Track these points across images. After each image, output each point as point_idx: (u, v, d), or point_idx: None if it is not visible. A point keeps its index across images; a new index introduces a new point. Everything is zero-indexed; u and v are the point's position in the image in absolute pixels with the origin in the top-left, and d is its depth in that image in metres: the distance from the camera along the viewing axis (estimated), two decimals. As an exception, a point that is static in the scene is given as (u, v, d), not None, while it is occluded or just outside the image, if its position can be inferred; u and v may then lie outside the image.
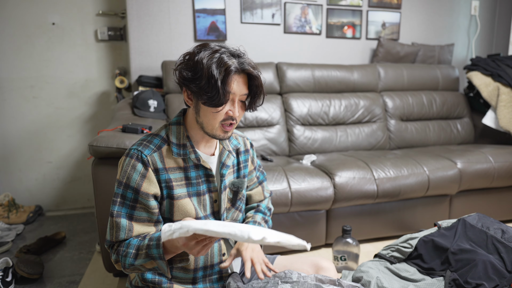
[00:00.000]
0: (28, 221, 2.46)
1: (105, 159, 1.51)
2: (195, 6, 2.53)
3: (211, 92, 0.93)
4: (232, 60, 0.95)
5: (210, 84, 0.92)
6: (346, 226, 1.78)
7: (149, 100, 2.14)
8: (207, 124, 0.99)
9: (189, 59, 0.97)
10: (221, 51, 0.95)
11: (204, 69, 0.92)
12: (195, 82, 0.94)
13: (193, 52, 0.97)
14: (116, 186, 0.98)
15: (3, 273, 1.64)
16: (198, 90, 0.94)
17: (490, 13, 3.30)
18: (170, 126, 1.05)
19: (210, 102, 0.94)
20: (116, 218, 0.96)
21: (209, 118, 0.97)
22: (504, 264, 1.30)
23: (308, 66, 2.64)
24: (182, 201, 1.00)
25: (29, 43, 2.54)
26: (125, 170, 0.97)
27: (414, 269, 1.44)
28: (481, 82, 2.76)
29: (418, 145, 2.74)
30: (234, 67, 0.94)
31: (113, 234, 0.96)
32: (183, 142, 1.02)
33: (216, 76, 0.92)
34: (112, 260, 0.99)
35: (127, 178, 0.96)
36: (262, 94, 1.03)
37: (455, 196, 2.25)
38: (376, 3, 2.93)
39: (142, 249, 0.90)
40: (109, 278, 1.76)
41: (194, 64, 0.94)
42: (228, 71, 0.93)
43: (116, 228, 0.96)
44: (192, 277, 1.04)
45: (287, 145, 2.47)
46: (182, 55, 0.99)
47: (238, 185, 1.11)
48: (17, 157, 2.64)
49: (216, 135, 1.00)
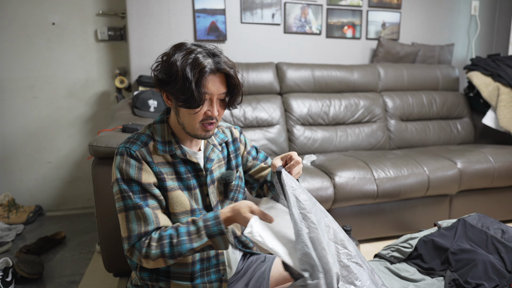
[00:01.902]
0: (28, 221, 2.46)
1: (105, 159, 1.51)
2: (195, 6, 2.53)
3: (186, 94, 0.93)
4: (208, 60, 0.94)
5: (185, 87, 0.92)
6: (346, 226, 1.78)
7: (149, 100, 2.14)
8: (187, 125, 1.00)
9: (164, 60, 0.97)
10: (197, 51, 0.95)
11: (179, 72, 0.92)
12: (170, 85, 0.94)
13: (168, 53, 0.96)
14: (117, 185, 0.97)
15: (3, 273, 1.64)
16: (173, 92, 0.94)
17: (490, 13, 3.30)
18: (154, 125, 1.06)
19: (186, 104, 0.94)
20: (138, 210, 0.95)
21: (188, 119, 0.98)
22: (504, 264, 1.30)
23: (308, 66, 2.64)
24: (175, 193, 1.01)
25: (29, 43, 2.54)
26: (121, 168, 0.97)
27: (414, 269, 1.44)
28: (481, 82, 2.76)
29: (418, 145, 2.74)
30: (209, 68, 0.94)
31: (140, 226, 0.95)
32: (168, 139, 1.03)
33: (190, 78, 0.92)
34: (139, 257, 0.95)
35: (126, 174, 0.96)
36: (240, 92, 1.03)
37: (455, 196, 2.25)
38: (376, 3, 2.93)
39: (199, 232, 0.92)
40: (109, 278, 1.76)
41: (168, 66, 0.94)
42: (203, 72, 0.93)
43: (144, 219, 0.95)
44: (190, 272, 1.04)
45: (287, 145, 2.47)
46: (160, 55, 0.99)
47: (225, 177, 1.11)
48: (17, 157, 2.64)
49: (198, 134, 1.01)
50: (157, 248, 0.93)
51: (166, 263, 0.94)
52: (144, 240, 0.94)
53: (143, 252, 0.93)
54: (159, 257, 0.93)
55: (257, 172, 1.24)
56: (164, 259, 0.93)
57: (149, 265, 0.95)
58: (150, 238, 0.94)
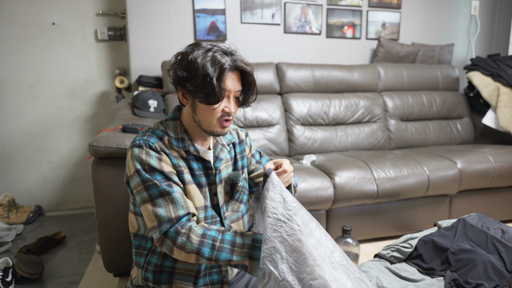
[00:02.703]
0: (28, 221, 2.46)
1: (105, 159, 1.51)
2: (195, 6, 2.53)
3: (207, 89, 0.94)
4: (225, 58, 0.97)
5: (206, 82, 0.94)
6: (346, 226, 1.78)
7: (149, 100, 2.14)
8: (204, 122, 1.01)
9: (182, 58, 0.98)
10: (214, 50, 0.97)
11: (199, 68, 0.94)
12: (190, 81, 0.96)
13: (186, 52, 0.98)
14: (138, 176, 0.96)
15: (3, 273, 1.64)
16: (194, 88, 0.96)
17: (490, 13, 3.30)
18: (167, 121, 1.07)
19: (207, 100, 0.96)
20: (166, 196, 0.95)
21: (206, 115, 1.00)
22: (504, 264, 1.30)
23: (308, 66, 2.63)
24: (191, 187, 1.02)
25: (29, 43, 2.54)
26: (141, 158, 0.96)
27: (414, 269, 1.44)
28: (481, 82, 2.76)
29: (418, 145, 2.74)
30: (228, 64, 0.96)
31: (170, 212, 0.94)
32: (181, 136, 1.04)
33: (211, 74, 0.94)
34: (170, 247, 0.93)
35: (147, 164, 0.96)
36: (255, 89, 1.05)
37: (455, 196, 2.25)
38: (376, 3, 2.93)
39: (243, 248, 0.92)
40: (109, 278, 1.76)
41: (188, 63, 0.96)
42: (223, 69, 0.95)
43: (172, 204, 0.95)
44: (196, 270, 1.05)
45: (287, 145, 2.47)
46: (174, 56, 1.01)
47: (233, 177, 1.11)
48: (17, 157, 2.64)
49: (214, 131, 1.02)
50: (197, 243, 0.92)
51: (197, 261, 0.93)
52: (180, 229, 0.93)
53: (179, 242, 0.93)
54: (194, 253, 0.92)
55: (258, 176, 1.25)
56: (198, 257, 0.92)
57: (179, 256, 0.94)
58: (191, 229, 0.94)
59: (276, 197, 0.91)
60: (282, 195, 0.92)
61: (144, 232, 1.06)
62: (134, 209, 1.06)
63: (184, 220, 0.95)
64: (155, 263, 1.04)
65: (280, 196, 0.91)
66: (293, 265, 0.84)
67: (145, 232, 1.06)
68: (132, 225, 1.09)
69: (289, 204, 0.90)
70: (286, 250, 0.85)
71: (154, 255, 1.04)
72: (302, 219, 0.89)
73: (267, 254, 0.84)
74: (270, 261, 0.84)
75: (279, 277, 0.82)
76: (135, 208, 1.06)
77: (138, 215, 1.05)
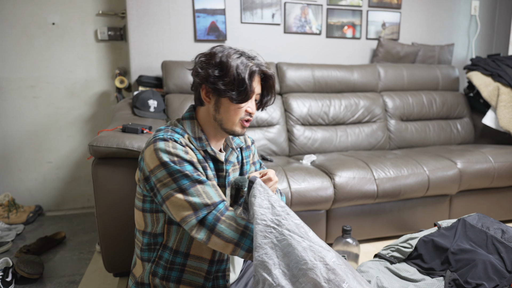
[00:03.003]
0: (28, 221, 2.46)
1: (105, 159, 1.51)
2: (195, 6, 2.53)
3: (239, 88, 0.99)
4: (252, 61, 1.02)
5: (239, 81, 0.98)
6: (346, 226, 1.78)
7: (149, 100, 2.14)
8: (227, 121, 1.04)
9: (210, 58, 1.01)
10: (239, 52, 1.02)
11: (232, 67, 0.98)
12: (222, 79, 0.99)
13: (214, 53, 1.02)
14: (164, 169, 0.94)
15: (3, 273, 1.64)
16: (225, 87, 0.99)
17: (490, 13, 3.30)
18: (183, 120, 1.08)
19: (237, 98, 1.00)
20: (198, 186, 0.94)
21: (230, 114, 1.03)
22: (504, 264, 1.29)
23: (308, 66, 2.63)
24: (213, 183, 1.01)
25: (29, 43, 2.54)
26: (168, 151, 0.95)
27: (414, 269, 1.44)
28: (481, 82, 2.76)
29: (418, 145, 2.74)
30: (255, 67, 1.01)
31: (204, 199, 0.93)
32: (198, 135, 1.06)
33: (243, 73, 0.98)
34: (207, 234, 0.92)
35: (176, 155, 0.95)
36: (274, 92, 1.10)
37: (455, 196, 2.25)
38: (376, 3, 2.93)
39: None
40: (109, 278, 1.76)
41: (219, 63, 1.00)
42: (253, 70, 1.00)
43: (205, 192, 0.94)
44: (206, 270, 1.05)
45: (287, 145, 2.47)
46: (198, 56, 1.04)
47: (239, 182, 1.12)
48: (17, 157, 2.64)
49: (235, 130, 1.05)
50: (238, 232, 0.92)
51: (233, 252, 0.92)
52: (220, 216, 0.93)
53: (217, 229, 0.91)
54: (232, 243, 0.92)
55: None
56: (236, 248, 0.92)
57: (215, 245, 0.93)
58: (232, 218, 0.93)
59: (264, 203, 0.91)
60: (269, 200, 0.91)
61: (152, 230, 1.05)
62: (142, 206, 1.05)
63: (222, 208, 0.94)
64: (166, 259, 1.04)
65: (267, 202, 0.91)
66: (285, 270, 0.84)
67: (152, 229, 1.05)
68: (138, 222, 1.08)
69: (277, 209, 0.90)
70: (278, 255, 0.85)
71: (166, 250, 1.04)
72: (293, 222, 0.89)
73: (259, 262, 0.84)
74: (262, 268, 0.84)
75: (273, 283, 0.82)
76: (143, 205, 1.04)
77: (146, 212, 1.04)
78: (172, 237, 1.03)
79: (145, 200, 1.04)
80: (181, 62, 2.40)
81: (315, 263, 0.83)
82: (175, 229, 1.03)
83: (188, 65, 2.38)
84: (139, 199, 1.06)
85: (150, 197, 1.02)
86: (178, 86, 2.36)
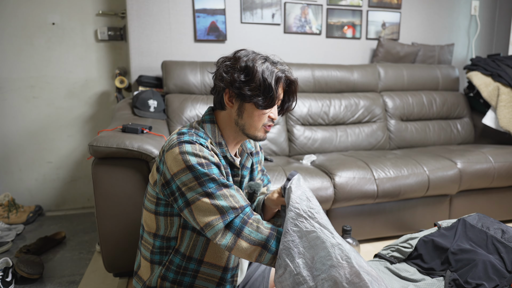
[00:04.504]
0: (28, 221, 2.46)
1: (105, 159, 1.51)
2: (195, 6, 2.53)
3: (266, 93, 0.98)
4: (277, 67, 1.01)
5: (265, 87, 0.97)
6: (346, 226, 1.78)
7: (149, 100, 2.14)
8: (249, 126, 1.03)
9: (235, 62, 1.00)
10: (264, 57, 1.01)
11: (258, 72, 0.97)
12: (248, 84, 0.98)
13: (238, 57, 1.01)
14: (190, 172, 0.91)
15: (3, 273, 1.64)
16: (251, 92, 0.98)
17: (490, 13, 3.30)
18: (204, 124, 1.06)
19: (263, 104, 0.99)
20: (225, 189, 0.92)
21: (254, 119, 1.02)
22: (504, 264, 1.29)
23: (308, 66, 2.63)
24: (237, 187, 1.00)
25: (29, 43, 2.54)
26: (196, 154, 0.92)
27: (414, 269, 1.44)
28: (481, 82, 2.76)
29: (418, 145, 2.74)
30: (281, 73, 1.00)
31: (231, 202, 0.91)
32: (218, 140, 1.04)
33: (269, 79, 0.97)
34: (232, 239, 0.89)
35: (204, 158, 0.93)
36: (296, 98, 1.10)
37: (455, 196, 2.25)
38: (376, 3, 2.93)
39: None
40: (109, 278, 1.76)
41: (244, 67, 0.99)
42: (279, 76, 1.00)
43: (232, 196, 0.92)
44: (219, 276, 1.04)
45: (287, 145, 2.47)
46: (220, 60, 1.03)
47: (254, 187, 1.12)
48: (17, 157, 2.64)
49: (257, 136, 1.05)
50: (266, 234, 0.90)
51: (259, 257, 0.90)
52: (247, 219, 0.91)
53: (245, 233, 0.89)
54: (260, 246, 0.89)
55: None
56: (263, 251, 0.90)
57: (240, 252, 0.90)
58: (259, 221, 0.92)
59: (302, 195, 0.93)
60: (307, 195, 0.94)
61: (165, 233, 1.02)
62: (156, 209, 1.02)
63: (249, 211, 0.93)
64: (178, 264, 1.02)
65: (305, 195, 0.94)
66: (309, 261, 0.85)
67: (166, 232, 1.02)
68: (148, 225, 1.05)
69: (312, 203, 0.92)
70: (304, 245, 0.86)
71: (177, 255, 1.02)
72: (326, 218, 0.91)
73: (284, 247, 0.86)
74: (287, 254, 0.85)
75: (294, 271, 0.84)
76: (157, 207, 1.01)
77: (160, 215, 1.01)
78: (184, 242, 1.01)
79: (159, 203, 1.01)
80: (181, 62, 2.40)
81: (341, 262, 0.83)
82: (189, 234, 1.01)
83: (189, 65, 2.38)
84: (152, 202, 1.02)
85: (165, 201, 0.99)
86: (178, 86, 2.36)
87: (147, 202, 1.05)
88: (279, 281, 0.86)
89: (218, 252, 1.01)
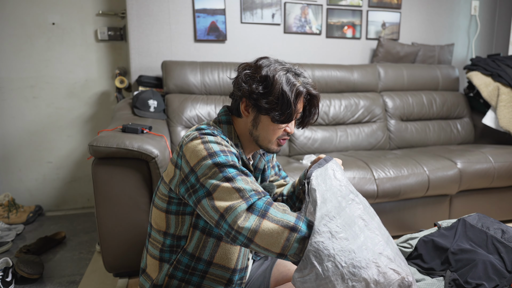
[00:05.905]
0: (28, 221, 2.46)
1: (105, 159, 1.51)
2: (195, 6, 2.53)
3: (284, 109, 0.95)
4: (299, 80, 0.98)
5: (283, 102, 0.94)
6: (346, 226, 1.78)
7: (149, 100, 2.14)
8: (263, 138, 1.01)
9: (255, 72, 0.97)
10: (286, 68, 0.98)
11: (277, 86, 0.94)
12: (266, 97, 0.95)
13: (259, 66, 0.98)
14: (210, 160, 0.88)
15: (3, 273, 1.64)
16: (268, 105, 0.95)
17: (490, 13, 3.30)
18: (221, 124, 1.05)
19: (280, 119, 0.96)
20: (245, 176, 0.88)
21: (268, 132, 1.00)
22: (504, 264, 1.29)
23: (308, 66, 2.63)
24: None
25: (29, 43, 2.54)
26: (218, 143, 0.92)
27: (414, 269, 1.44)
28: (481, 82, 2.76)
29: (418, 145, 2.74)
30: (302, 87, 0.97)
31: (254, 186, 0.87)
32: (234, 142, 1.03)
33: (289, 94, 0.94)
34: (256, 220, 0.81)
35: (225, 146, 0.92)
36: (318, 112, 1.06)
37: (455, 196, 2.25)
38: (376, 3, 2.93)
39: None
40: (109, 278, 1.76)
41: (263, 78, 0.96)
42: (299, 92, 0.96)
43: (252, 182, 0.88)
44: (228, 278, 1.03)
45: (287, 145, 2.47)
46: (241, 67, 1.01)
47: (268, 188, 1.11)
48: (17, 157, 2.64)
49: (270, 148, 1.03)
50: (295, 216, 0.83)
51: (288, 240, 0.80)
52: (271, 201, 0.86)
53: (270, 213, 0.82)
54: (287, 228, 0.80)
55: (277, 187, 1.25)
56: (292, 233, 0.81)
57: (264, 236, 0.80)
58: (283, 205, 0.87)
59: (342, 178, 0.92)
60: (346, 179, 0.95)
61: (175, 231, 1.01)
62: (167, 208, 1.00)
63: (270, 198, 0.89)
64: (187, 264, 1.01)
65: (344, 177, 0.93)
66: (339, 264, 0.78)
67: (176, 231, 1.01)
68: (158, 223, 1.03)
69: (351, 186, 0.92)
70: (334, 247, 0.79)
71: (185, 255, 1.01)
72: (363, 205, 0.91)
73: (314, 248, 0.78)
74: (315, 256, 0.78)
75: (323, 275, 0.77)
76: (168, 206, 1.00)
77: (171, 214, 1.00)
78: (192, 242, 1.00)
79: (171, 202, 1.00)
80: (181, 62, 2.40)
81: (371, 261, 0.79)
82: (198, 235, 1.00)
83: (189, 65, 2.38)
84: (163, 200, 1.01)
85: (177, 199, 0.98)
86: (178, 86, 2.36)
87: (158, 200, 1.04)
88: (301, 281, 0.80)
89: (228, 254, 1.01)
